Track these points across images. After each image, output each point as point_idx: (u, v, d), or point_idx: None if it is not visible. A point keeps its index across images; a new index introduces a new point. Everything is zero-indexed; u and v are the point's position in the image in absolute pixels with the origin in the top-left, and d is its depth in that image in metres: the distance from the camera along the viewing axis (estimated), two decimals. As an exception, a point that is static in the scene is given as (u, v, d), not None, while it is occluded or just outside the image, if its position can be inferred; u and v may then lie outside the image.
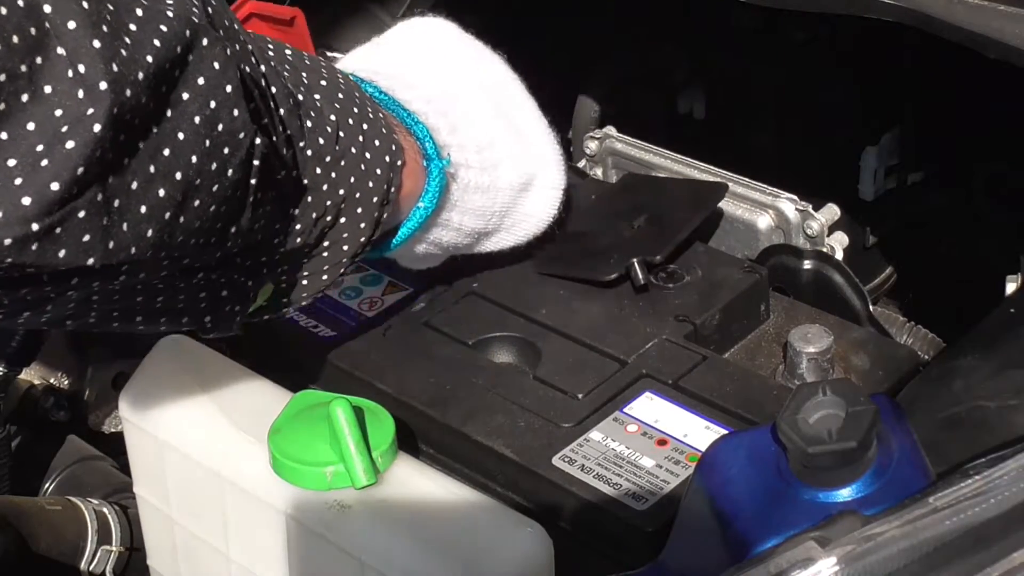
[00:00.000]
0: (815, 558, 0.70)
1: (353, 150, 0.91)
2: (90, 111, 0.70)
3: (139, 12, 0.74)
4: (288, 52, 0.91)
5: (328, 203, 0.90)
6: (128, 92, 0.71)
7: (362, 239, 0.94)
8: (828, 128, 1.38)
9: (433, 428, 1.05)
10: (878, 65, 1.35)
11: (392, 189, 0.94)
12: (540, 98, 1.60)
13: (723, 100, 1.46)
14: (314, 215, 0.89)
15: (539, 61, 1.61)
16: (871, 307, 1.19)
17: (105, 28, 0.71)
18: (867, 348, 1.11)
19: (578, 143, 1.46)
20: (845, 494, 0.75)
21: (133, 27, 0.73)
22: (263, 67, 0.84)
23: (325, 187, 0.89)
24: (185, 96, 0.75)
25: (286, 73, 0.88)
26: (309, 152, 0.88)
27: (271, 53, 0.88)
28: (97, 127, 0.70)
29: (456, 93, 1.07)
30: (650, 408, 1.03)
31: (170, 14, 0.75)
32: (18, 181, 0.69)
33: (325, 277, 0.95)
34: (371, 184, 0.92)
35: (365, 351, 1.12)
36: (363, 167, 0.92)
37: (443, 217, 1.05)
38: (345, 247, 0.94)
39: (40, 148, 0.69)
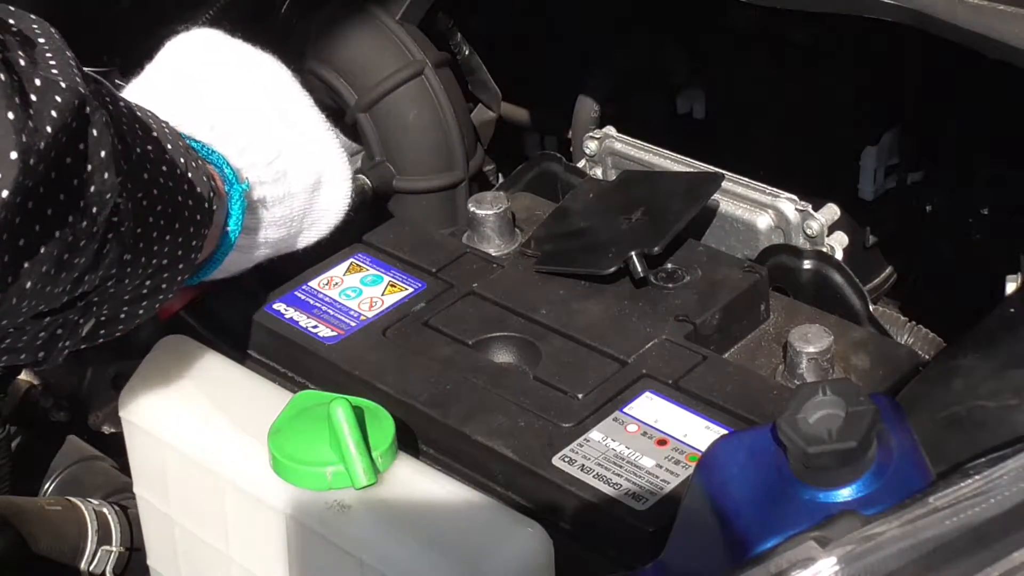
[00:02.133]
0: (815, 558, 0.70)
1: (178, 202, 0.95)
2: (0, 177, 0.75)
3: (38, 82, 0.79)
4: (137, 112, 0.96)
5: (155, 248, 0.95)
6: (32, 161, 0.76)
7: (179, 278, 1.00)
8: (828, 128, 1.38)
9: (433, 428, 1.05)
10: (878, 65, 1.35)
11: (205, 233, 1.00)
12: (540, 98, 1.60)
13: (723, 100, 1.46)
14: (143, 259, 0.94)
15: (539, 61, 1.62)
16: (871, 307, 1.19)
17: (17, 99, 0.76)
18: (867, 348, 1.11)
19: (578, 143, 1.46)
20: (845, 494, 0.75)
21: (34, 97, 0.78)
22: (124, 127, 0.90)
23: (155, 234, 0.94)
24: (68, 160, 0.80)
25: (140, 133, 0.93)
26: (145, 203, 0.92)
27: (124, 112, 0.93)
28: (5, 193, 0.75)
29: (234, 109, 1.09)
30: (650, 408, 1.03)
31: (63, 84, 0.80)
32: None
33: (142, 312, 1.00)
34: (191, 229, 0.97)
35: (365, 351, 1.12)
36: (186, 213, 0.97)
37: (251, 238, 1.09)
38: (163, 285, 0.99)
39: None
